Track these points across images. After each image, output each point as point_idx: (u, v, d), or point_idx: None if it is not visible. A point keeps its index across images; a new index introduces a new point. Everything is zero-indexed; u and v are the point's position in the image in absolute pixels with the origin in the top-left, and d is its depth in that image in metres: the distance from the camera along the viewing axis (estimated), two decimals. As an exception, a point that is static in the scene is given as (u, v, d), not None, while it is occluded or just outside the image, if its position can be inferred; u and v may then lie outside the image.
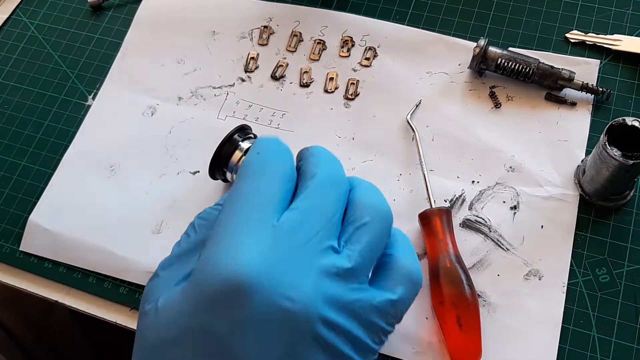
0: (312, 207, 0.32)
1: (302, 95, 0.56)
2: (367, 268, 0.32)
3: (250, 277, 0.28)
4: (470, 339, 0.43)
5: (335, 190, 0.33)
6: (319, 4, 0.61)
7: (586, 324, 0.44)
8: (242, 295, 0.28)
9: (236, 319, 0.28)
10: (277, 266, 0.29)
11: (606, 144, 0.43)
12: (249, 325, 0.28)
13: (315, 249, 0.30)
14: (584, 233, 0.47)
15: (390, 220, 0.34)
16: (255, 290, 0.28)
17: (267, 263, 0.29)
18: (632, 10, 0.56)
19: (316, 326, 0.29)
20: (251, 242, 0.29)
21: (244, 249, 0.29)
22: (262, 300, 0.28)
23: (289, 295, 0.29)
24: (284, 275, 0.29)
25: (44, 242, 0.52)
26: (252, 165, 0.33)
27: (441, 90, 0.55)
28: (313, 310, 0.29)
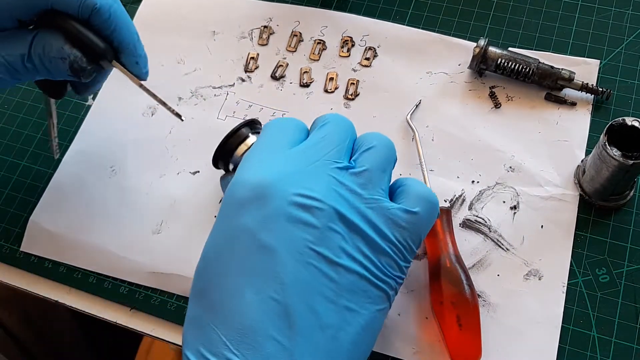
0: (323, 136, 0.38)
1: (302, 95, 0.56)
2: (378, 179, 0.38)
3: (270, 181, 0.35)
4: (470, 339, 0.43)
5: (343, 125, 0.39)
6: (319, 4, 0.61)
7: (586, 324, 0.44)
8: (264, 196, 0.35)
9: (262, 215, 0.35)
10: (293, 173, 0.36)
11: (606, 144, 0.43)
12: (273, 219, 0.34)
13: (327, 163, 0.37)
14: (583, 233, 0.47)
15: (394, 149, 0.40)
16: (275, 190, 0.35)
17: (284, 171, 0.36)
18: (632, 10, 0.56)
19: (333, 217, 0.35)
20: (269, 160, 0.37)
21: (262, 165, 0.37)
22: (282, 196, 0.35)
23: (305, 192, 0.35)
24: (300, 179, 0.36)
25: (45, 242, 0.52)
26: (268, 125, 0.41)
27: (441, 90, 0.55)
28: (329, 202, 0.35)
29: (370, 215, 0.36)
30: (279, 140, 0.39)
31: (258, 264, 0.34)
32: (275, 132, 0.40)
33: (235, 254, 0.35)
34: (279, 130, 0.40)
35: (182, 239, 0.51)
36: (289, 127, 0.40)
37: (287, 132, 0.40)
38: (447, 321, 0.43)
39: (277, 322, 0.33)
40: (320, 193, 0.35)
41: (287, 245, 0.34)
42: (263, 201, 0.35)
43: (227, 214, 0.36)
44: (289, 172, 0.36)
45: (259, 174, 0.36)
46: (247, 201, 0.35)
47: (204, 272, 0.36)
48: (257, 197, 0.35)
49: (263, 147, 0.39)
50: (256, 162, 0.37)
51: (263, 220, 0.35)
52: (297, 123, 0.41)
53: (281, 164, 0.37)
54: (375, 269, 0.36)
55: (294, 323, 0.33)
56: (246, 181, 0.36)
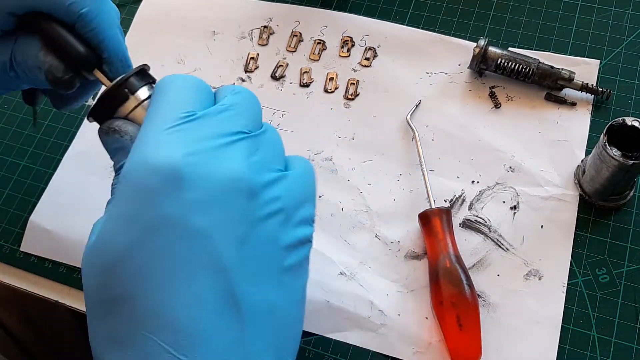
0: (233, 104, 0.34)
1: (302, 95, 0.56)
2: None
3: (183, 163, 0.30)
4: (470, 339, 0.43)
5: (253, 98, 0.35)
6: (319, 4, 0.61)
7: (586, 324, 0.44)
8: (179, 179, 0.30)
9: (184, 200, 0.30)
10: (206, 150, 0.31)
11: (606, 144, 0.43)
12: (199, 202, 0.30)
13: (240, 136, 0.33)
14: (583, 233, 0.47)
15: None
16: (192, 172, 0.30)
17: (195, 148, 0.31)
18: (632, 10, 0.56)
19: (258, 190, 0.32)
20: (173, 134, 0.31)
21: (167, 142, 0.31)
22: (203, 176, 0.30)
23: (226, 167, 0.31)
24: (211, 153, 0.31)
25: (45, 242, 0.52)
26: (164, 84, 0.34)
27: (441, 90, 0.55)
28: (250, 177, 0.32)
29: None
30: (180, 106, 0.33)
31: (191, 254, 0.30)
32: (176, 95, 0.34)
33: (159, 249, 0.30)
34: (178, 92, 0.34)
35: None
36: (191, 88, 0.34)
37: (189, 94, 0.34)
38: (447, 321, 0.43)
39: (224, 313, 0.30)
40: (240, 171, 0.31)
41: (221, 229, 0.30)
42: (179, 185, 0.30)
43: (134, 206, 0.30)
44: (201, 149, 0.31)
45: (164, 154, 0.30)
46: (159, 188, 0.30)
47: (115, 277, 0.30)
48: (171, 182, 0.30)
49: (161, 116, 0.32)
50: (157, 138, 0.31)
51: (186, 206, 0.30)
52: (199, 83, 0.35)
53: (188, 138, 0.31)
54: (307, 225, 0.34)
55: (242, 311, 0.30)
56: (152, 166, 0.30)
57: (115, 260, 0.30)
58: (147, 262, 0.30)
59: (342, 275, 0.48)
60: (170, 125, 0.32)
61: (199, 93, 0.34)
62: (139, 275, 0.30)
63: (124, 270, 0.30)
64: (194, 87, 0.34)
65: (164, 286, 0.29)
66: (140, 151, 0.31)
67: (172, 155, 0.30)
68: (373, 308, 0.46)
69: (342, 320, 0.46)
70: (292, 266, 0.33)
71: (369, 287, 0.47)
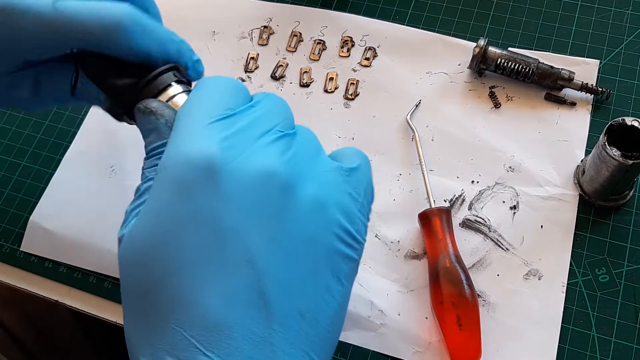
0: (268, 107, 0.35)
1: (302, 95, 0.56)
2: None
3: (221, 157, 0.30)
4: (470, 339, 0.43)
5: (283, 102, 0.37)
6: (319, 4, 0.61)
7: (586, 323, 0.44)
8: (216, 173, 0.30)
9: (219, 196, 0.30)
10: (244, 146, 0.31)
11: (606, 144, 0.43)
12: (233, 198, 0.30)
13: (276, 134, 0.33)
14: (583, 233, 0.47)
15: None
16: (227, 164, 0.30)
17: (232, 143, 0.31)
18: (632, 10, 0.56)
19: (294, 185, 0.31)
20: (211, 129, 0.31)
21: (205, 136, 0.31)
22: (238, 172, 0.30)
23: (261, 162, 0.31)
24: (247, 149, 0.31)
25: (45, 242, 0.52)
26: (204, 83, 0.35)
27: (441, 90, 0.55)
28: (288, 173, 0.31)
29: (330, 179, 0.34)
30: (219, 103, 0.33)
31: (224, 250, 0.30)
32: (215, 93, 0.34)
33: (191, 243, 0.30)
34: (218, 90, 0.34)
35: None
36: (230, 88, 0.35)
37: (228, 94, 0.34)
38: (447, 321, 0.43)
39: (253, 312, 0.29)
40: (274, 165, 0.31)
41: (255, 225, 0.30)
42: (215, 179, 0.30)
43: (169, 199, 0.30)
44: (236, 143, 0.31)
45: (201, 148, 0.31)
46: (195, 181, 0.30)
47: (145, 269, 0.30)
48: (207, 176, 0.30)
49: (200, 111, 0.33)
50: (195, 131, 0.31)
51: (221, 200, 0.30)
52: (238, 84, 0.36)
53: (225, 133, 0.32)
54: (350, 239, 0.33)
55: (271, 311, 0.30)
56: (189, 159, 0.30)
57: (150, 251, 0.30)
58: (180, 255, 0.30)
59: (342, 275, 0.48)
60: (208, 121, 0.32)
61: (238, 94, 0.35)
62: (172, 268, 0.30)
63: (157, 262, 0.30)
64: (233, 88, 0.35)
65: (196, 281, 0.29)
66: (178, 144, 0.31)
67: (209, 149, 0.30)
68: (373, 308, 0.46)
69: (342, 320, 0.46)
70: (333, 270, 0.32)
71: (369, 287, 0.47)
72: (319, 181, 0.33)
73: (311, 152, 0.35)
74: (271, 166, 0.31)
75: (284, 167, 0.31)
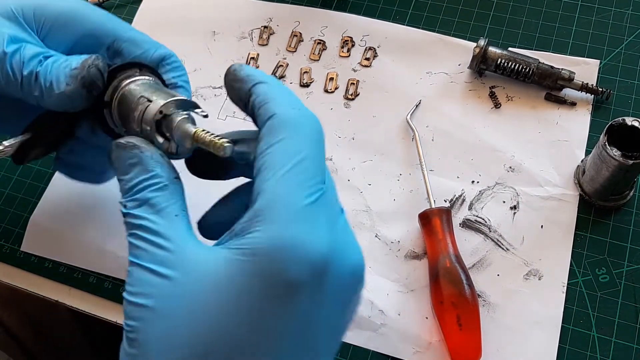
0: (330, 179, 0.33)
1: (302, 95, 0.56)
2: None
3: (329, 253, 0.29)
4: (470, 339, 0.43)
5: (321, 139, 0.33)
6: (319, 4, 0.61)
7: (586, 323, 0.44)
8: (326, 272, 0.29)
9: (321, 294, 0.29)
10: (338, 238, 0.30)
11: (606, 144, 0.43)
12: (330, 294, 0.29)
13: (338, 210, 0.33)
14: (583, 233, 0.47)
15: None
16: (332, 262, 0.29)
17: (333, 238, 0.30)
18: (632, 10, 0.56)
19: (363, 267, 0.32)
20: (316, 221, 0.29)
21: (313, 231, 0.29)
22: (337, 270, 0.30)
23: (352, 257, 0.31)
24: (345, 243, 0.31)
25: (45, 242, 0.52)
26: (293, 124, 0.32)
27: (441, 90, 0.55)
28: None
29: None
30: (311, 171, 0.31)
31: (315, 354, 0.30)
32: (304, 150, 0.31)
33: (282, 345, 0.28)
34: (307, 147, 0.31)
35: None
36: (316, 142, 0.32)
37: (315, 152, 0.32)
38: (447, 321, 0.43)
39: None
40: (361, 260, 0.32)
41: (345, 318, 0.32)
42: (324, 280, 0.29)
43: (268, 301, 0.28)
44: (335, 237, 0.30)
45: (316, 245, 0.28)
46: (304, 283, 0.28)
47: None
48: (319, 278, 0.28)
49: (298, 180, 0.30)
50: (299, 217, 0.29)
51: (322, 302, 0.29)
52: (321, 134, 0.33)
53: (328, 222, 0.30)
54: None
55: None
56: (305, 258, 0.28)
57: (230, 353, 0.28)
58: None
59: (342, 275, 0.48)
60: (307, 201, 0.29)
61: (321, 149, 0.32)
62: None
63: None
64: (319, 141, 0.32)
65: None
66: (281, 232, 0.28)
67: (321, 247, 0.29)
68: (373, 308, 0.46)
69: (342, 320, 0.46)
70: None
71: (369, 287, 0.47)
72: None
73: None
74: (360, 261, 0.32)
75: (362, 256, 0.32)
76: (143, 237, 0.31)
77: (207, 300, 0.28)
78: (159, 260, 0.29)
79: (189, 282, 0.28)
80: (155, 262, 0.29)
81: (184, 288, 0.28)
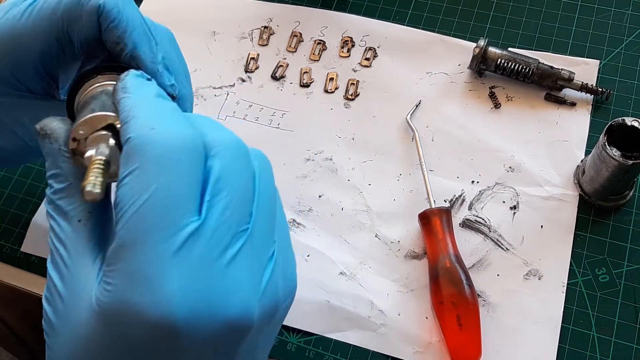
0: (226, 210, 0.28)
1: (302, 96, 0.56)
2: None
3: (180, 314, 0.26)
4: (470, 339, 0.43)
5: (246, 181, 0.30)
6: (319, 5, 0.61)
7: (586, 323, 0.45)
8: (175, 333, 0.26)
9: (177, 352, 0.26)
10: (202, 292, 0.26)
11: (606, 144, 0.43)
12: (189, 352, 0.27)
13: (220, 253, 0.27)
14: (583, 233, 0.47)
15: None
16: (188, 323, 0.26)
17: (193, 292, 0.26)
18: (632, 10, 0.56)
19: (253, 319, 0.28)
20: (169, 273, 0.26)
21: (163, 283, 0.26)
22: (197, 328, 0.26)
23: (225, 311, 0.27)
24: (212, 296, 0.27)
25: (46, 242, 0.52)
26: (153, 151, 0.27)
27: (441, 90, 0.55)
28: (250, 307, 0.28)
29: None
30: (180, 206, 0.27)
31: None
32: (170, 183, 0.27)
33: None
34: (171, 176, 0.27)
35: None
36: (186, 166, 0.27)
37: (185, 178, 0.27)
38: (447, 321, 0.43)
39: None
40: (249, 311, 0.28)
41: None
42: (176, 341, 0.26)
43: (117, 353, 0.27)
44: (198, 288, 0.26)
45: (166, 313, 0.25)
46: (153, 348, 0.26)
47: None
48: (169, 341, 0.26)
49: (158, 225, 0.26)
50: (159, 270, 0.26)
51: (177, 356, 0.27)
52: (191, 148, 0.28)
53: (186, 276, 0.26)
54: None
55: None
56: (152, 324, 0.25)
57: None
58: None
59: (342, 275, 0.48)
60: (173, 247, 0.26)
61: (194, 171, 0.28)
62: None
63: None
64: (188, 163, 0.27)
65: None
66: (132, 294, 0.26)
67: (172, 314, 0.25)
68: (373, 308, 0.46)
69: (342, 320, 0.46)
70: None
71: (369, 287, 0.47)
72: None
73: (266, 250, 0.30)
74: (243, 312, 0.27)
75: (260, 308, 0.28)
76: (53, 242, 0.30)
77: (76, 347, 0.27)
78: (56, 267, 0.29)
79: (68, 300, 0.28)
80: (53, 269, 0.29)
81: (64, 305, 0.28)
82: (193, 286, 0.26)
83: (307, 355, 0.46)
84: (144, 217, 0.26)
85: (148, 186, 0.26)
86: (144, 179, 0.27)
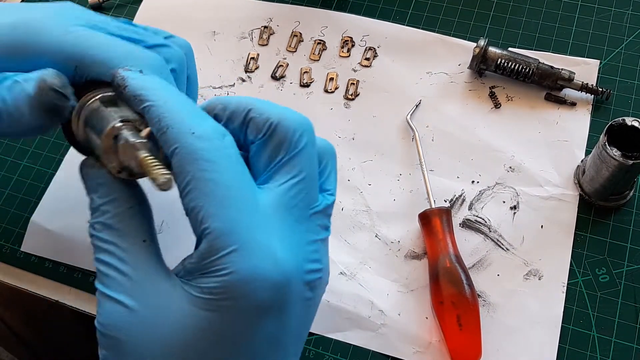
0: (300, 180, 0.34)
1: (302, 96, 0.56)
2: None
3: (289, 277, 0.30)
4: (470, 339, 0.43)
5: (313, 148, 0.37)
6: (319, 4, 0.61)
7: (586, 323, 0.44)
8: (285, 294, 0.30)
9: (283, 321, 0.31)
10: (298, 254, 0.31)
11: (606, 144, 0.43)
12: (288, 307, 0.31)
13: (313, 219, 0.34)
14: (583, 233, 0.47)
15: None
16: (292, 287, 0.31)
17: (293, 256, 0.31)
18: (632, 10, 0.56)
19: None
20: (272, 239, 0.30)
21: (274, 247, 0.30)
22: (297, 293, 0.31)
23: (310, 278, 0.32)
24: (302, 255, 0.32)
25: (45, 242, 0.52)
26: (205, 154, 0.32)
27: (441, 90, 0.55)
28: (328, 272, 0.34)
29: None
30: (244, 180, 0.32)
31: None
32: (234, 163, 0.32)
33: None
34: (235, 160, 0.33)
35: (182, 239, 0.51)
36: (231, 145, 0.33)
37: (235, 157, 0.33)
38: (447, 321, 0.43)
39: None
40: (323, 262, 0.33)
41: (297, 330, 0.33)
42: (284, 301, 0.31)
43: (238, 326, 0.30)
44: (296, 256, 0.31)
45: (277, 264, 0.30)
46: (268, 305, 0.30)
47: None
48: (279, 299, 0.30)
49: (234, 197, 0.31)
50: (265, 239, 0.30)
51: (284, 326, 0.31)
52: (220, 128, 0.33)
53: (281, 238, 0.31)
54: None
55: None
56: (266, 278, 0.29)
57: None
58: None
59: (342, 275, 0.48)
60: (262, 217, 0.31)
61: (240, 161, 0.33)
62: None
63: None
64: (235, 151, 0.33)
65: None
66: (249, 257, 0.29)
67: (286, 269, 0.30)
68: (373, 308, 0.46)
69: (342, 320, 0.46)
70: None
71: (369, 287, 0.47)
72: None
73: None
74: (317, 274, 0.33)
75: (325, 267, 0.34)
76: (108, 263, 0.31)
77: (170, 336, 0.29)
78: (122, 289, 0.30)
79: (150, 316, 0.30)
80: (119, 291, 0.30)
81: (146, 321, 0.30)
82: (290, 248, 0.31)
83: (307, 355, 0.46)
84: (225, 203, 0.30)
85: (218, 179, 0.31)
86: (216, 180, 0.31)
